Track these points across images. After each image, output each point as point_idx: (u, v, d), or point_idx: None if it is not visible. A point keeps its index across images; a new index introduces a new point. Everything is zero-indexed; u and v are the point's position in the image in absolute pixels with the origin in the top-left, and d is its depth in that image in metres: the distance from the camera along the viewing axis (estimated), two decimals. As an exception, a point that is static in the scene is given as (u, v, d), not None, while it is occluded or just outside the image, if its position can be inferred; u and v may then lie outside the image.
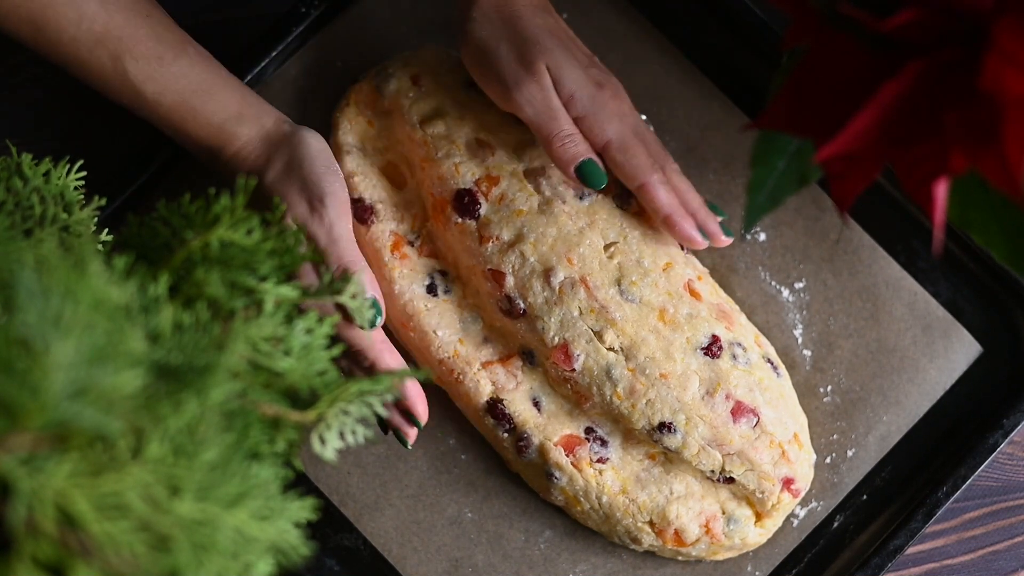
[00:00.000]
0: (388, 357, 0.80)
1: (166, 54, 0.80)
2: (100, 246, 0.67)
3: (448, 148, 0.86)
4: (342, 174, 0.83)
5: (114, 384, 0.49)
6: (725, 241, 0.84)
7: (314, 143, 0.82)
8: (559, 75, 0.81)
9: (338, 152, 0.88)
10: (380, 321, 0.80)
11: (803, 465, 0.85)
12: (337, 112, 0.90)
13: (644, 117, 0.90)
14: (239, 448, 0.55)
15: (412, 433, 0.82)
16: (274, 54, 0.91)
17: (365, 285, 0.79)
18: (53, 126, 0.92)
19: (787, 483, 0.84)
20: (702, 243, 0.84)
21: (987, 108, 0.47)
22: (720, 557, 0.87)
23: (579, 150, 0.81)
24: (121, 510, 0.50)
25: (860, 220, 0.91)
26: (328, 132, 0.91)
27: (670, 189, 0.83)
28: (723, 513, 0.85)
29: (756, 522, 0.86)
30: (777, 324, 0.89)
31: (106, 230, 0.70)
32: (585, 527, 0.88)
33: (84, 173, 0.70)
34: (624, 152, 0.82)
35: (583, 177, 0.81)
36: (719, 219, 0.84)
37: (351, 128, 0.89)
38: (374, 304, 0.80)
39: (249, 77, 0.90)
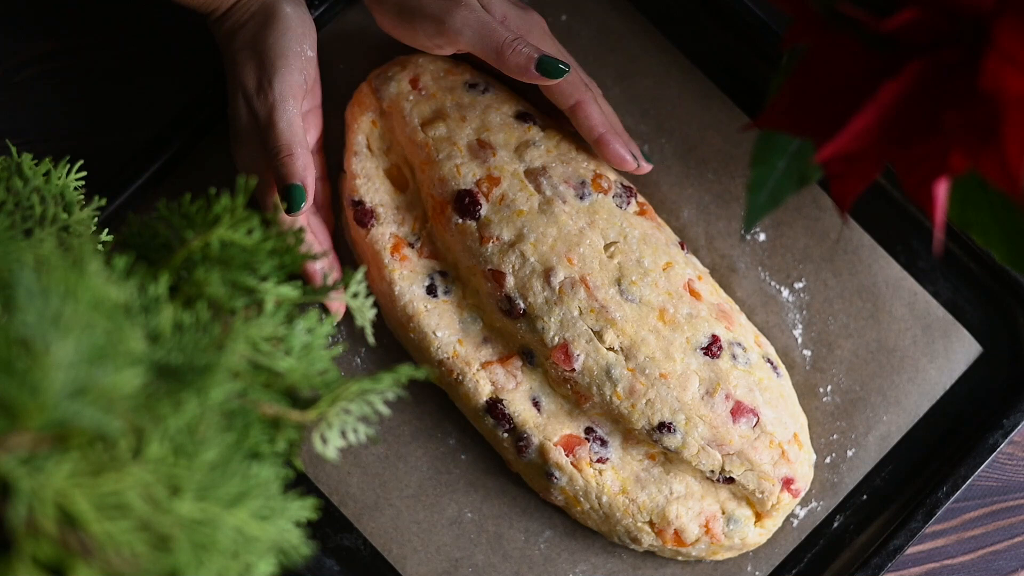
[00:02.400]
0: (309, 234, 0.82)
1: None
2: (100, 246, 0.67)
3: (449, 150, 0.86)
4: (311, 57, 0.82)
5: (114, 384, 0.49)
6: (645, 167, 0.85)
7: (291, 14, 0.81)
8: (485, 2, 0.82)
9: (348, 153, 0.89)
10: (304, 207, 0.80)
11: (803, 465, 0.85)
12: (347, 112, 0.90)
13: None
14: (239, 448, 0.55)
15: (337, 305, 0.85)
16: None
17: (294, 172, 0.79)
18: (53, 126, 0.92)
19: (787, 483, 0.84)
20: (632, 164, 0.84)
21: (987, 108, 0.47)
22: (720, 557, 0.87)
23: (531, 50, 0.81)
24: (121, 510, 0.50)
25: (860, 220, 0.91)
26: (328, 133, 0.91)
27: (601, 109, 0.84)
28: (723, 513, 0.85)
29: (756, 522, 0.86)
30: (777, 324, 0.89)
31: (106, 230, 0.70)
32: (585, 527, 0.88)
33: (84, 173, 0.70)
34: (564, 69, 0.82)
35: (546, 71, 0.81)
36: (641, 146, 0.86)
37: (359, 129, 0.89)
38: (301, 191, 0.80)
39: (249, 77, 0.90)
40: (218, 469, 0.52)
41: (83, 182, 0.69)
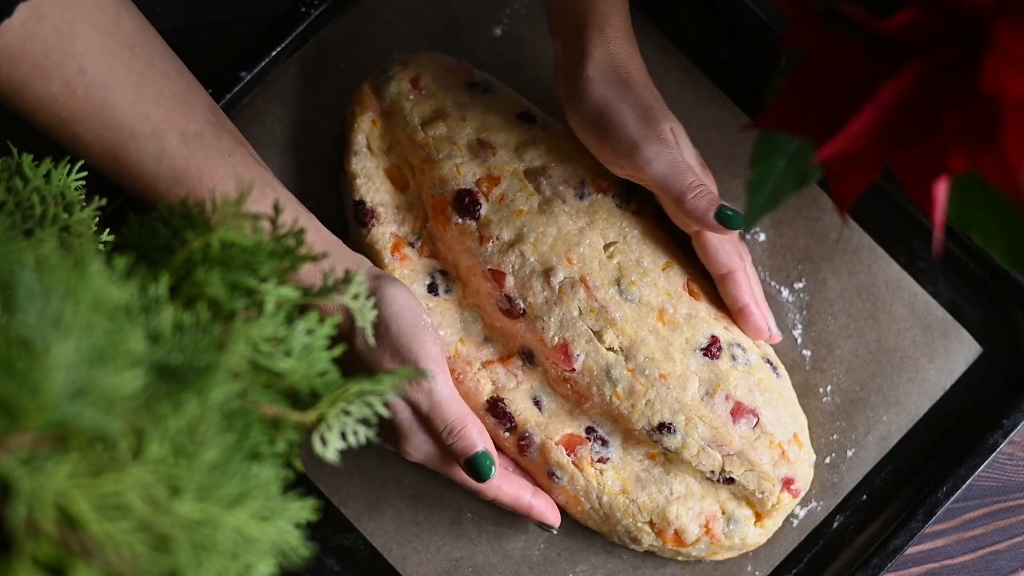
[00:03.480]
0: (507, 488, 0.82)
1: (246, 195, 0.78)
2: (101, 246, 0.67)
3: (449, 149, 0.86)
4: (430, 322, 0.81)
5: (114, 384, 0.49)
6: (777, 337, 0.86)
7: (398, 298, 0.79)
8: (680, 140, 0.81)
9: (348, 153, 0.89)
10: (495, 472, 0.81)
11: (803, 465, 0.85)
12: (348, 112, 0.90)
13: None
14: (239, 448, 0.55)
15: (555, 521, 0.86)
16: (274, 54, 0.91)
17: (474, 441, 0.80)
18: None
19: (787, 483, 0.84)
20: (766, 335, 0.85)
21: (987, 108, 0.47)
22: (720, 557, 0.87)
23: (713, 197, 0.80)
24: (121, 510, 0.50)
25: (860, 220, 0.91)
26: (329, 133, 0.91)
27: (749, 281, 0.84)
28: (723, 513, 0.85)
29: (756, 522, 0.86)
30: (777, 324, 0.89)
31: (107, 230, 0.70)
32: (585, 527, 0.88)
33: (84, 173, 0.70)
34: (723, 242, 0.82)
35: (724, 221, 0.80)
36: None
37: (359, 128, 0.89)
38: (486, 457, 0.80)
39: (249, 77, 0.90)
40: (218, 470, 0.52)
41: (83, 182, 0.69)
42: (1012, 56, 0.46)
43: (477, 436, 0.80)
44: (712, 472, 0.83)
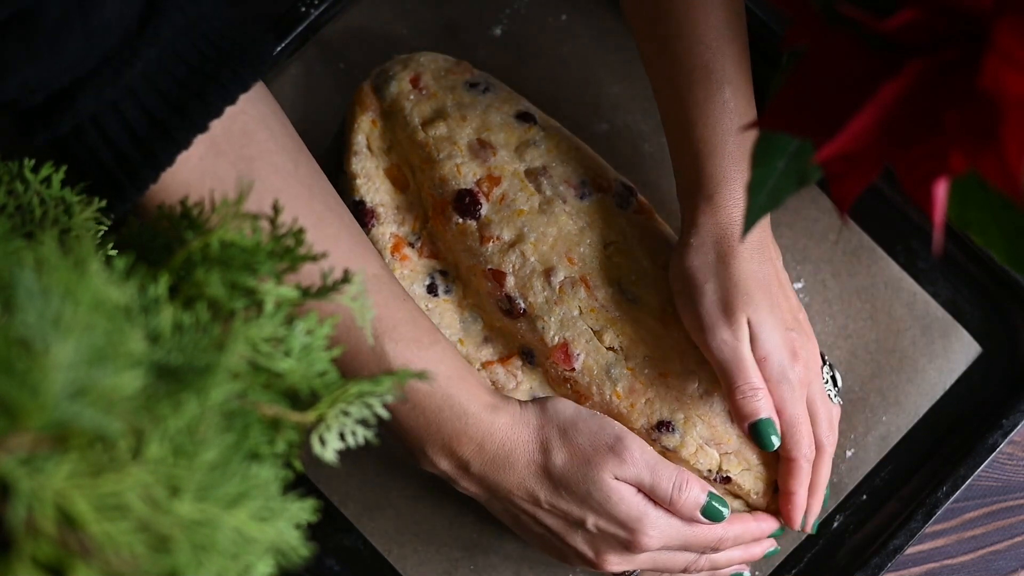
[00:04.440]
0: (738, 525, 0.82)
1: (423, 338, 0.77)
2: (109, 250, 0.67)
3: (450, 149, 0.86)
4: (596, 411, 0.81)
5: (114, 384, 0.49)
6: (807, 531, 0.85)
7: (568, 405, 0.80)
8: (758, 332, 0.79)
9: (348, 153, 0.89)
10: (728, 510, 0.81)
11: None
12: (348, 112, 0.90)
13: (836, 373, 0.87)
14: (239, 448, 0.55)
15: (774, 542, 0.85)
16: (274, 54, 0.90)
17: (700, 489, 0.80)
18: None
19: (787, 483, 0.84)
20: (796, 526, 0.84)
21: (987, 108, 0.47)
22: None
23: (760, 406, 0.80)
24: (121, 510, 0.50)
25: (860, 220, 0.91)
26: (329, 133, 0.91)
27: (809, 471, 0.83)
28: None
29: (756, 521, 0.86)
30: (777, 324, 0.89)
31: (111, 242, 0.70)
32: (585, 527, 0.88)
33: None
34: (790, 427, 0.81)
35: (755, 435, 0.80)
36: (822, 511, 0.85)
37: (359, 128, 0.89)
38: (718, 498, 0.80)
39: (249, 77, 0.89)
40: (218, 470, 0.52)
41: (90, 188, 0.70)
42: (1012, 56, 0.46)
43: (700, 483, 0.80)
44: (710, 471, 0.83)
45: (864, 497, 0.89)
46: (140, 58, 0.67)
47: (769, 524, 0.84)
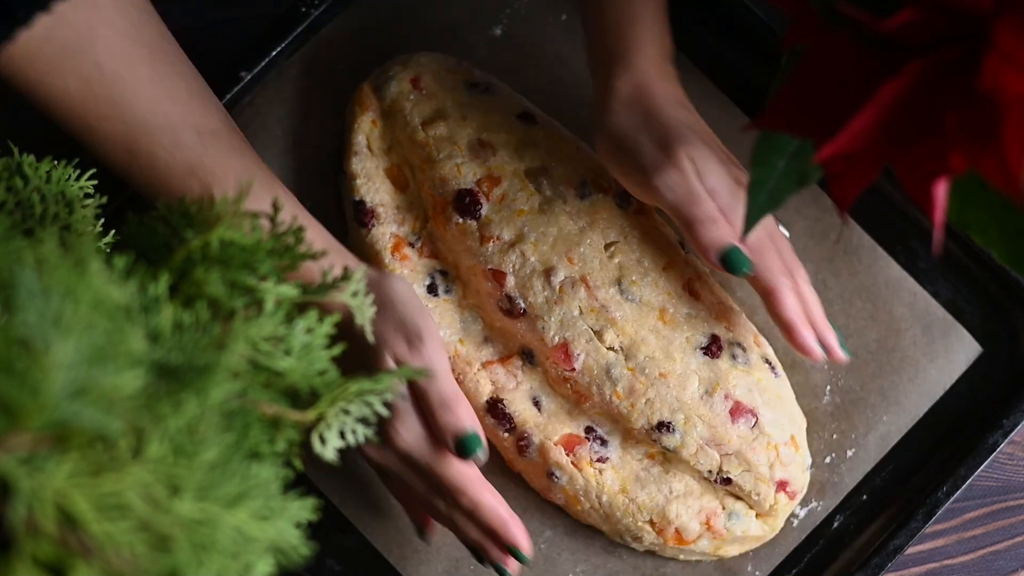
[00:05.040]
0: (489, 495, 0.80)
1: (258, 191, 0.78)
2: (103, 246, 0.67)
3: (450, 149, 0.86)
4: (430, 312, 0.81)
5: (114, 384, 0.49)
6: (843, 358, 0.83)
7: (402, 288, 0.80)
8: (701, 167, 0.79)
9: (348, 153, 0.89)
10: (482, 456, 0.79)
11: (797, 468, 0.85)
12: (347, 112, 0.90)
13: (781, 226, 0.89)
14: (239, 448, 0.55)
15: (514, 567, 0.82)
16: (274, 54, 0.91)
17: (465, 418, 0.78)
18: (54, 126, 0.92)
19: (782, 485, 0.84)
20: (820, 356, 0.82)
21: (987, 108, 0.47)
22: (726, 553, 0.87)
23: (723, 234, 0.79)
24: (121, 510, 0.50)
25: (860, 220, 0.91)
26: (329, 133, 0.91)
27: (796, 297, 0.82)
28: (723, 509, 0.85)
29: (757, 517, 0.86)
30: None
31: (112, 232, 0.70)
32: (585, 527, 0.88)
33: (93, 170, 0.70)
34: (758, 254, 0.80)
35: (727, 263, 0.79)
36: (836, 335, 0.83)
37: (360, 128, 0.89)
38: (476, 438, 0.78)
39: (249, 77, 0.90)
40: (218, 469, 0.52)
41: (93, 188, 0.70)
42: (1012, 56, 0.46)
43: (470, 417, 0.79)
44: (710, 472, 0.83)
45: (864, 497, 0.89)
46: None
47: (518, 533, 0.81)
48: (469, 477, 0.80)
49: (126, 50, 0.75)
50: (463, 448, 0.78)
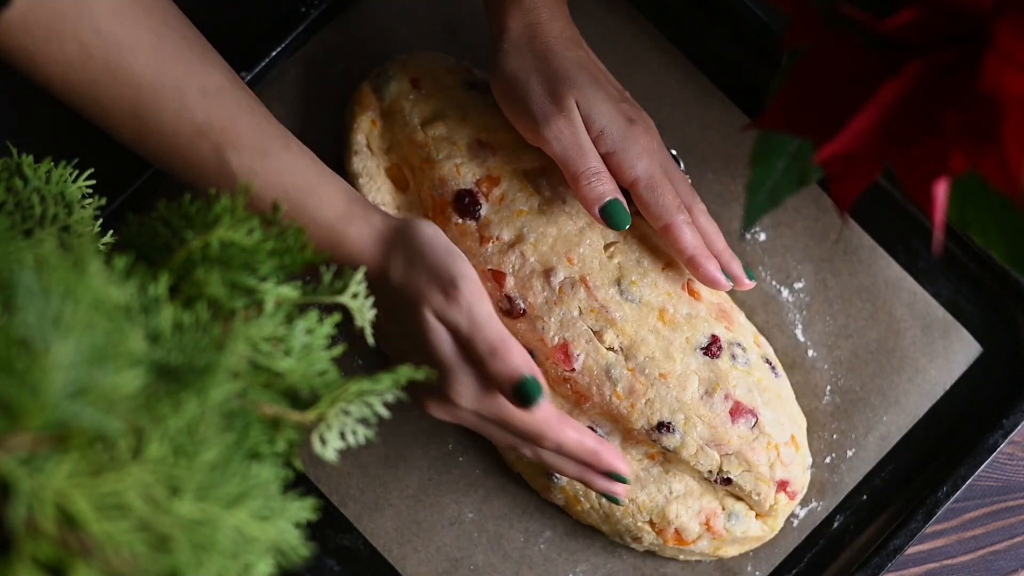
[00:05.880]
0: (570, 431, 0.76)
1: (270, 147, 0.77)
2: (101, 246, 0.67)
3: (449, 149, 0.86)
4: (462, 253, 0.78)
5: (114, 384, 0.49)
6: (748, 284, 0.83)
7: (428, 231, 0.76)
8: (589, 110, 0.80)
9: (348, 152, 0.89)
10: (543, 400, 0.74)
11: (797, 468, 0.85)
12: (347, 112, 0.90)
13: (675, 152, 0.89)
14: (239, 448, 0.55)
15: (621, 489, 0.80)
16: (274, 54, 0.91)
17: (519, 364, 0.73)
18: (53, 126, 0.92)
19: (782, 485, 0.84)
20: (726, 284, 0.83)
21: (987, 108, 0.47)
22: (725, 553, 0.87)
23: (604, 189, 0.80)
24: (121, 510, 0.50)
25: (860, 220, 0.91)
26: (329, 133, 0.91)
27: (695, 230, 0.82)
28: (723, 509, 0.85)
29: (757, 517, 0.86)
30: (777, 324, 0.89)
31: (111, 232, 0.70)
32: (585, 527, 0.88)
33: (91, 169, 0.70)
34: (651, 191, 0.81)
35: (606, 217, 0.80)
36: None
37: (359, 128, 0.89)
38: (534, 382, 0.74)
39: (249, 77, 0.90)
40: (218, 469, 0.52)
41: (91, 189, 0.70)
42: (1012, 56, 0.46)
43: (522, 359, 0.74)
44: (710, 472, 0.83)
45: (864, 497, 0.89)
46: None
47: (612, 458, 0.78)
48: (543, 419, 0.76)
49: (123, 11, 0.74)
50: (522, 396, 0.74)
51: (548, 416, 0.76)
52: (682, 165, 0.88)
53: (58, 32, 0.73)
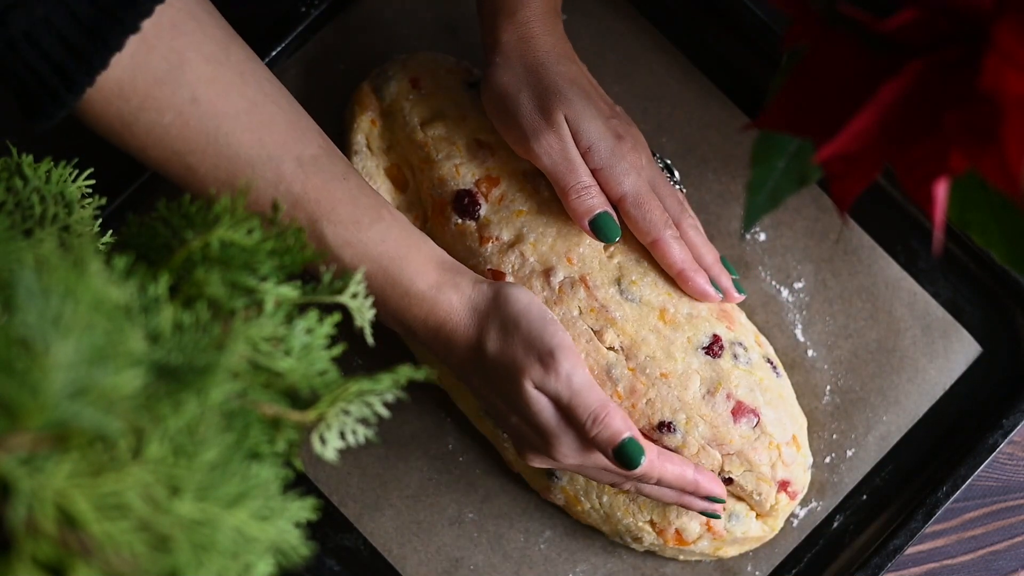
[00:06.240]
0: (670, 466, 0.79)
1: (363, 218, 0.76)
2: (101, 246, 0.67)
3: (449, 149, 0.86)
4: (555, 316, 0.79)
5: (114, 384, 0.49)
6: (738, 298, 0.84)
7: (522, 298, 0.78)
8: (578, 126, 0.80)
9: (347, 152, 0.89)
10: (644, 461, 0.77)
11: (799, 468, 0.85)
12: (346, 112, 0.90)
13: (669, 162, 0.89)
14: (239, 448, 0.55)
15: (719, 508, 0.83)
16: (274, 54, 0.91)
17: (619, 428, 0.76)
18: (54, 126, 0.92)
19: (783, 485, 0.84)
20: (715, 296, 0.83)
21: (987, 108, 0.47)
22: (725, 554, 0.87)
23: (594, 203, 0.81)
24: (121, 510, 0.50)
25: (860, 220, 0.91)
26: (329, 133, 0.91)
27: (683, 244, 0.83)
28: (723, 509, 0.85)
29: (757, 517, 0.86)
30: (777, 324, 0.89)
31: (110, 232, 0.70)
32: (585, 527, 0.88)
33: (91, 169, 0.70)
34: (639, 207, 0.81)
35: (596, 230, 0.81)
36: (732, 277, 0.84)
37: (359, 128, 0.89)
38: (635, 444, 0.77)
39: (249, 77, 0.89)
40: (218, 469, 0.52)
41: (90, 188, 0.69)
42: (1012, 56, 0.46)
43: (622, 422, 0.76)
44: (712, 472, 0.83)
45: (864, 497, 0.89)
46: None
47: (709, 483, 0.81)
48: (645, 463, 0.78)
49: (218, 77, 0.73)
50: (624, 459, 0.77)
51: (649, 458, 0.78)
52: (676, 175, 0.88)
53: (155, 100, 0.72)
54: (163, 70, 0.71)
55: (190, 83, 0.72)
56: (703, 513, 0.82)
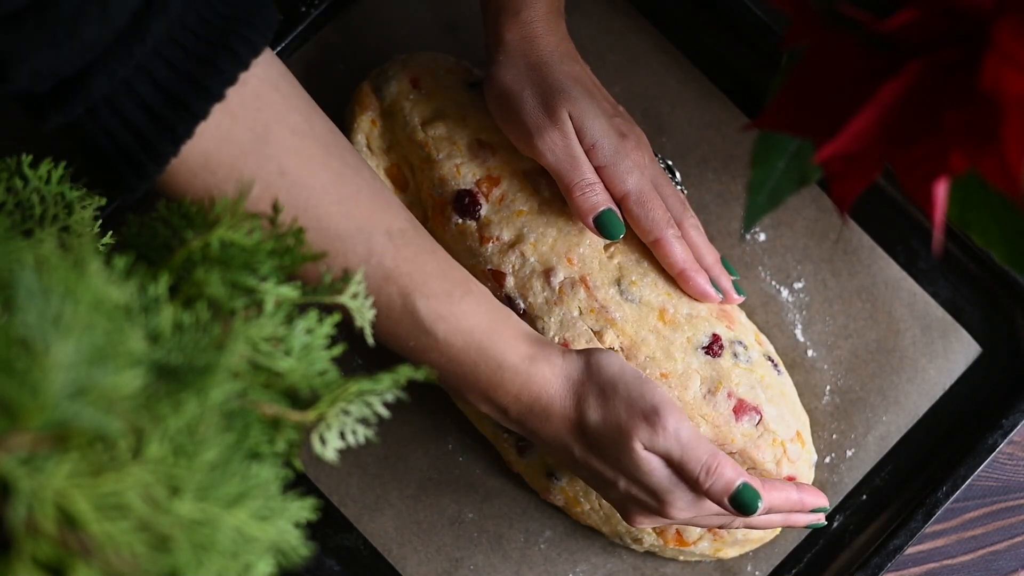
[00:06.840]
0: (775, 493, 0.78)
1: (455, 291, 0.76)
2: (101, 246, 0.67)
3: (449, 149, 0.86)
4: (647, 376, 0.78)
5: (114, 384, 0.49)
6: (738, 299, 0.84)
7: (614, 362, 0.77)
8: (582, 123, 0.80)
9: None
10: (762, 507, 0.77)
11: (804, 464, 0.85)
12: (347, 112, 0.90)
13: (670, 162, 0.89)
14: (239, 448, 0.55)
15: (823, 517, 0.83)
16: (274, 42, 0.91)
17: (732, 477, 0.76)
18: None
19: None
20: (715, 297, 0.83)
21: (987, 108, 0.47)
22: (726, 554, 0.87)
23: (598, 200, 0.81)
24: (121, 510, 0.50)
25: (860, 220, 0.91)
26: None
27: (684, 244, 0.83)
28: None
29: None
30: (777, 324, 0.89)
31: (110, 232, 0.70)
32: (585, 527, 0.88)
33: (91, 170, 0.70)
34: (641, 205, 0.81)
35: (601, 227, 0.81)
36: (732, 278, 0.84)
37: (359, 128, 0.89)
38: (750, 489, 0.76)
39: (249, 77, 0.89)
40: (218, 469, 0.52)
41: (91, 187, 0.69)
42: (1012, 56, 0.46)
43: (733, 471, 0.76)
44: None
45: (864, 497, 0.89)
46: (150, 34, 0.65)
47: (813, 498, 0.81)
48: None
49: (304, 150, 0.72)
50: (740, 505, 0.76)
51: (764, 497, 0.78)
52: (678, 176, 0.88)
53: (241, 172, 0.70)
54: (249, 141, 0.70)
55: (276, 155, 0.71)
56: (808, 527, 0.82)
